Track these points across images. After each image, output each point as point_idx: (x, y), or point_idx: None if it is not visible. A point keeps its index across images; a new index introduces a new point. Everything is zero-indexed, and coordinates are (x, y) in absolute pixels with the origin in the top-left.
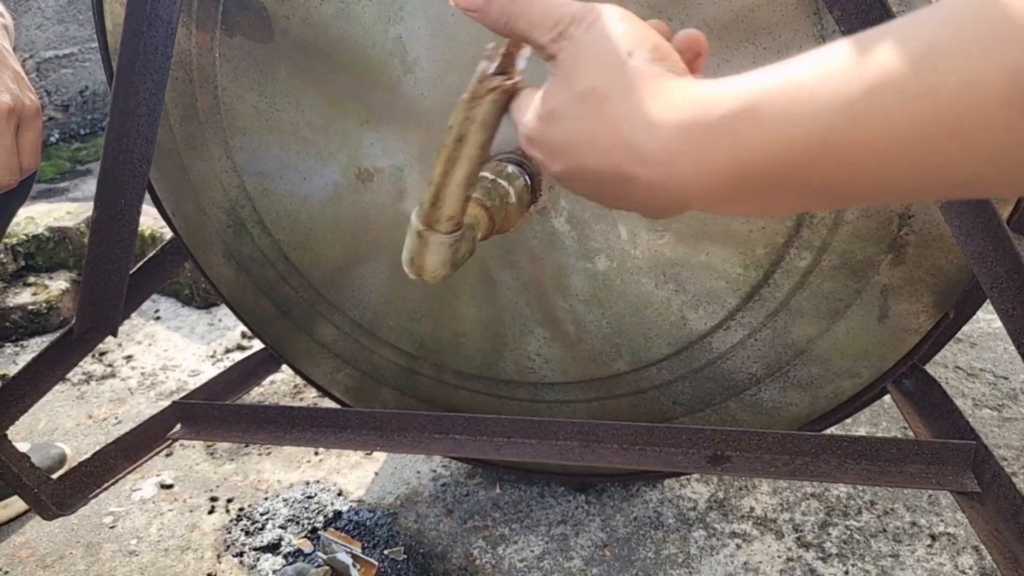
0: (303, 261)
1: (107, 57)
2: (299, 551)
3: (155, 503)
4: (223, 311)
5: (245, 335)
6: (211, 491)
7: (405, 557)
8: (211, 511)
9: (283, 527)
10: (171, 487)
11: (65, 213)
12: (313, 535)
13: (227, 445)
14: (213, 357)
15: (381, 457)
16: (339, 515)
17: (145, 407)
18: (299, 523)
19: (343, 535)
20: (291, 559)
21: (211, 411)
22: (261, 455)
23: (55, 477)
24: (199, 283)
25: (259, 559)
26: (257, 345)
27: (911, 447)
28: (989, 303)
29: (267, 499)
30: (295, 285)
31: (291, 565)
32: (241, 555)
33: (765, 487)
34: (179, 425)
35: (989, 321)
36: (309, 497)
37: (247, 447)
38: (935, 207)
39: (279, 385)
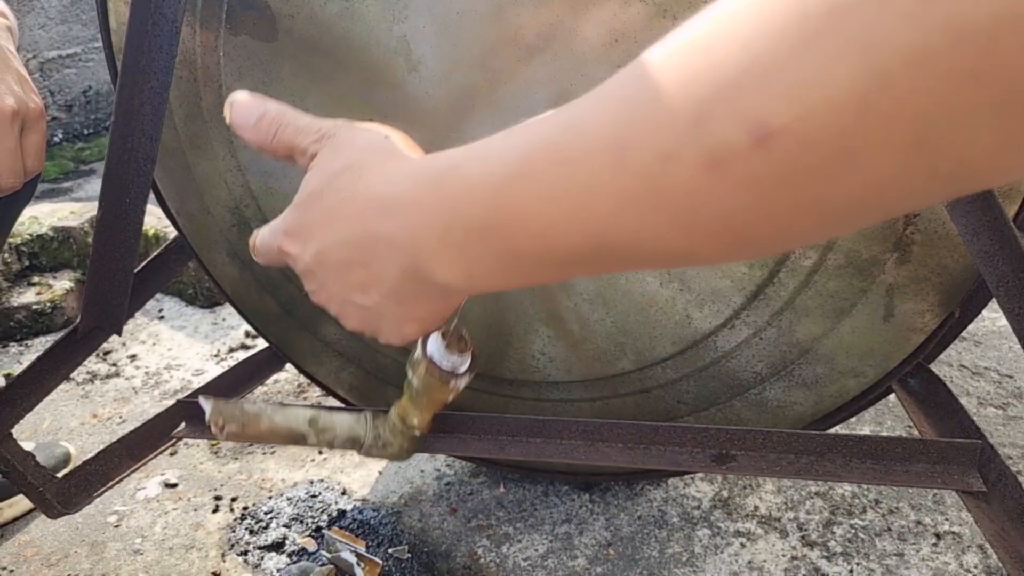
0: None
1: (111, 56)
2: (303, 550)
3: (159, 502)
4: (227, 310)
5: (249, 334)
6: (215, 490)
7: (409, 556)
8: (215, 510)
9: (287, 526)
10: (175, 486)
11: (69, 213)
12: (317, 534)
13: (231, 444)
14: (217, 356)
15: None
16: (343, 514)
17: (149, 406)
18: (303, 522)
19: (347, 534)
20: (295, 558)
21: None
22: (265, 454)
23: (60, 476)
24: (203, 282)
25: (263, 558)
26: (261, 344)
27: (916, 446)
28: (993, 301)
29: (271, 498)
30: (299, 284)
31: (295, 564)
32: (245, 554)
33: (769, 486)
34: (184, 424)
35: (994, 319)
36: (313, 496)
37: (251, 446)
38: (941, 206)
39: (283, 384)
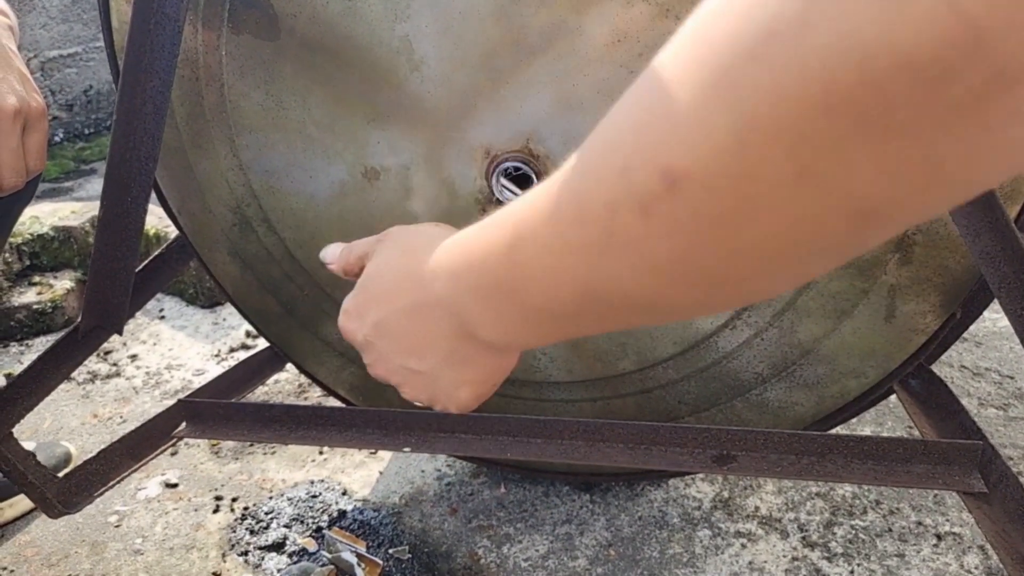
0: (309, 259)
1: (113, 55)
2: (304, 550)
3: (160, 502)
4: (227, 310)
5: (249, 334)
6: (216, 490)
7: (410, 556)
8: (216, 510)
9: (288, 526)
10: (176, 486)
11: (70, 212)
12: (318, 534)
13: (232, 444)
14: (217, 356)
15: (386, 456)
16: (344, 514)
17: (150, 406)
18: (304, 522)
19: (348, 534)
20: (296, 558)
21: (216, 410)
22: (266, 454)
23: (60, 476)
24: (203, 282)
25: (264, 558)
26: (261, 344)
27: (917, 447)
28: (995, 302)
29: (272, 498)
30: (300, 283)
31: (296, 564)
32: (246, 554)
33: (770, 487)
34: (184, 423)
35: (995, 320)
36: (314, 496)
37: (252, 446)
38: None
39: (283, 384)
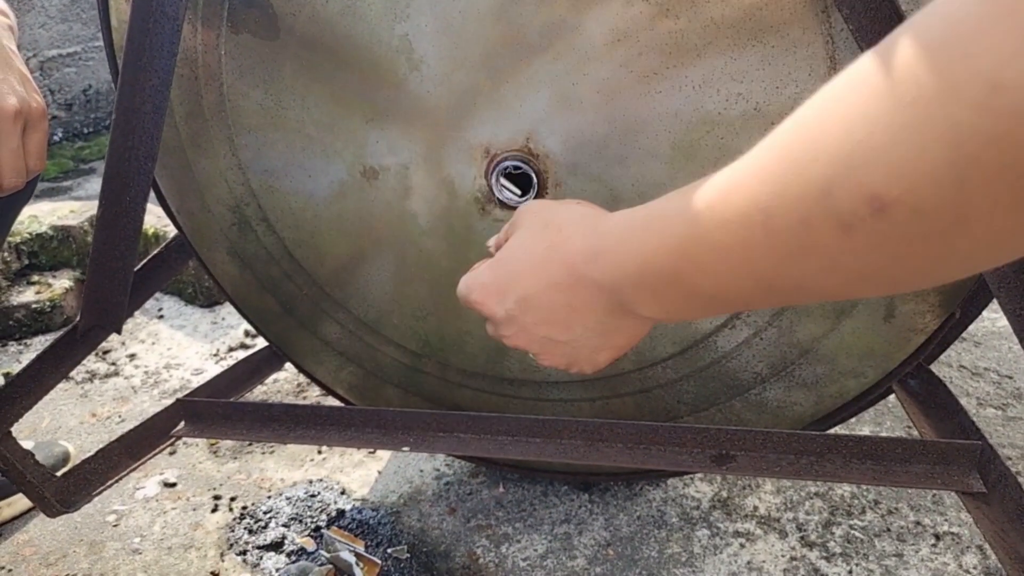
0: (308, 258)
1: (112, 54)
2: (302, 549)
3: (158, 501)
4: (226, 310)
5: (248, 333)
6: (214, 489)
7: (408, 556)
8: (214, 509)
9: (286, 525)
10: (174, 485)
11: (69, 212)
12: (316, 533)
13: (230, 443)
14: (216, 356)
15: (384, 456)
16: (342, 514)
17: (148, 405)
18: (302, 521)
19: (346, 533)
20: (294, 557)
21: (215, 409)
22: (264, 453)
23: (59, 475)
24: (202, 281)
25: (262, 557)
26: (260, 344)
27: (916, 447)
28: (994, 302)
29: (270, 497)
30: (299, 283)
31: (294, 563)
32: (244, 553)
33: (769, 486)
34: (183, 423)
35: (993, 320)
36: (312, 496)
37: (250, 445)
38: None
39: (282, 384)
